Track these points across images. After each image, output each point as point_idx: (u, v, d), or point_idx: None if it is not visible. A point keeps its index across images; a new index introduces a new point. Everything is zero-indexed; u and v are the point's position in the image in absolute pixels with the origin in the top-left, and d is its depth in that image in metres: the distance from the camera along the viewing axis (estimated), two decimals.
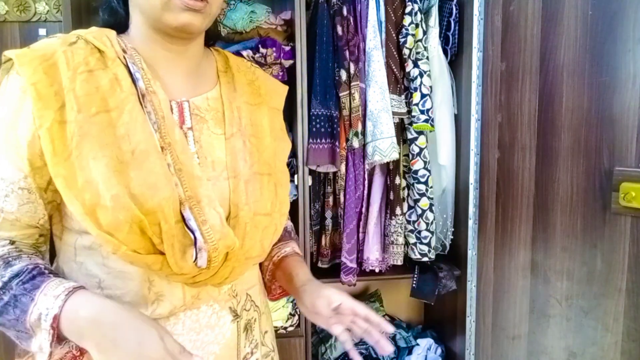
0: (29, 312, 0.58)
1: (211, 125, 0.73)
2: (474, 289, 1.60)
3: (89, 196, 0.60)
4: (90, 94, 0.63)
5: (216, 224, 0.66)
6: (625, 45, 1.13)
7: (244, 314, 0.79)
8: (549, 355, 1.39)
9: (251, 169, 0.73)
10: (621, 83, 1.15)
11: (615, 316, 1.19)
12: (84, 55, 0.65)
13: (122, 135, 0.63)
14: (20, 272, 0.61)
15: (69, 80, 0.62)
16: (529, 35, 1.38)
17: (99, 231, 0.60)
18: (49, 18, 1.62)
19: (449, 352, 1.80)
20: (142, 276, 0.67)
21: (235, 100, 0.77)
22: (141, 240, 0.62)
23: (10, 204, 0.64)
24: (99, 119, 0.62)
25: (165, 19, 0.66)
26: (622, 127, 1.15)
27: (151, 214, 0.61)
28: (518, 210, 1.45)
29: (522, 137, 1.42)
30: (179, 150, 0.66)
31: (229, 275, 0.71)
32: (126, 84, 0.66)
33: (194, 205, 0.65)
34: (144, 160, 0.63)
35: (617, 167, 1.16)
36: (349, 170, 1.57)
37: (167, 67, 0.72)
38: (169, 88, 0.71)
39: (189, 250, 0.64)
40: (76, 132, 0.61)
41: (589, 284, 1.25)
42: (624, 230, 1.16)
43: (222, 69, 0.80)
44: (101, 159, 0.61)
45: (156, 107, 0.66)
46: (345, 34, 1.53)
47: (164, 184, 0.63)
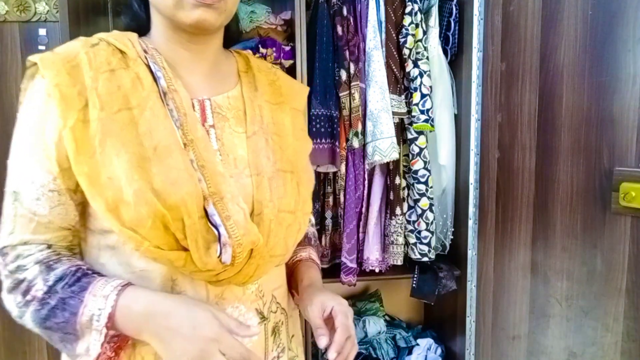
0: (79, 314, 0.59)
1: (232, 124, 0.73)
2: (474, 289, 1.60)
3: (111, 193, 0.60)
4: (112, 93, 0.64)
5: (240, 219, 0.66)
6: (625, 45, 1.13)
7: (271, 316, 0.78)
8: (549, 355, 1.39)
9: (274, 166, 0.73)
10: (621, 83, 1.15)
11: (615, 316, 1.19)
12: (106, 55, 0.66)
13: (144, 132, 0.63)
14: (64, 275, 0.62)
15: (91, 79, 0.63)
16: (529, 35, 1.38)
17: (121, 227, 0.60)
18: (49, 18, 1.62)
19: (449, 352, 1.80)
20: (164, 275, 0.66)
21: (256, 99, 0.77)
22: (164, 235, 0.62)
23: (42, 207, 0.64)
24: (121, 116, 0.63)
25: (178, 17, 0.67)
26: (622, 127, 1.15)
27: (174, 209, 0.61)
28: (518, 210, 1.45)
29: (522, 137, 1.42)
30: (201, 147, 0.67)
31: (253, 274, 0.70)
32: (147, 82, 0.67)
33: (217, 201, 0.65)
34: (167, 156, 0.63)
35: (617, 167, 1.16)
36: (349, 170, 1.57)
37: (187, 66, 0.73)
38: (190, 87, 0.72)
39: (212, 245, 0.64)
40: (99, 130, 0.62)
41: (589, 284, 1.25)
42: (624, 230, 1.16)
43: (243, 69, 0.81)
44: (124, 155, 0.61)
45: (178, 104, 0.67)
46: (345, 34, 1.53)
47: (187, 179, 0.63)
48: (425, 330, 1.94)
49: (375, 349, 1.79)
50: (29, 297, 0.61)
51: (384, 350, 1.79)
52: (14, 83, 1.61)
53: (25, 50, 1.60)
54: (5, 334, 1.68)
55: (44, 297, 0.61)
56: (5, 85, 1.61)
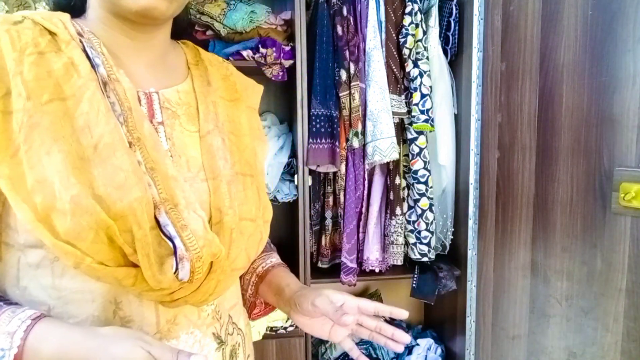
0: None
1: (184, 121, 0.64)
2: (474, 289, 1.60)
3: (41, 199, 0.50)
4: (41, 79, 0.53)
5: (198, 229, 0.57)
6: (625, 45, 1.13)
7: (229, 339, 0.69)
8: (549, 355, 1.39)
9: (232, 169, 0.65)
10: (621, 83, 1.15)
11: (615, 316, 1.19)
12: (32, 36, 0.55)
13: (81, 127, 0.53)
14: None
15: (14, 62, 0.52)
16: (529, 35, 1.38)
17: (55, 240, 0.50)
18: None
19: (449, 352, 1.80)
20: (105, 297, 0.56)
21: (210, 94, 0.68)
22: (109, 250, 0.52)
23: None
24: (52, 107, 0.52)
25: (123, 3, 0.57)
26: (622, 127, 1.15)
27: (121, 219, 0.52)
28: (518, 210, 1.45)
29: (522, 137, 1.42)
30: (149, 146, 0.57)
31: (213, 291, 0.61)
32: (84, 69, 0.56)
33: (171, 208, 0.56)
34: (109, 155, 0.53)
35: (617, 167, 1.16)
36: (349, 170, 1.57)
37: (130, 56, 0.63)
38: (134, 78, 0.61)
39: (167, 260, 0.55)
40: (25, 123, 0.51)
41: (589, 284, 1.25)
42: (624, 230, 1.16)
43: (193, 62, 0.72)
44: (56, 154, 0.51)
45: (121, 97, 0.57)
46: (345, 34, 1.53)
47: (135, 183, 0.53)
48: (425, 330, 1.94)
49: (375, 349, 1.79)
50: None
51: (384, 350, 1.79)
52: None
53: None
54: None
55: None
56: None
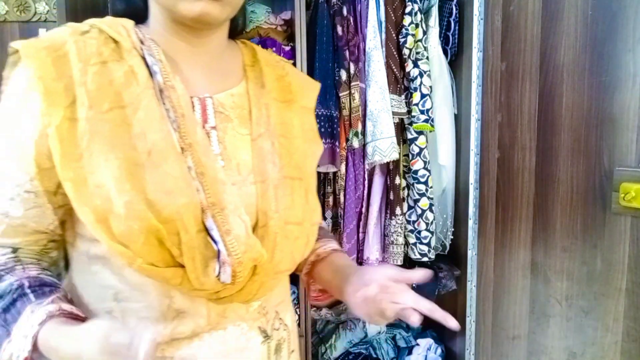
0: (1, 349, 0.53)
1: (236, 125, 0.66)
2: (474, 289, 1.60)
3: (100, 202, 0.54)
4: (102, 88, 0.57)
5: (241, 234, 0.59)
6: (625, 45, 1.13)
7: (274, 334, 0.71)
8: (549, 355, 1.39)
9: (280, 172, 0.66)
10: (621, 83, 1.15)
11: (615, 316, 1.19)
12: (97, 45, 0.59)
13: (137, 134, 0.56)
14: (4, 294, 0.56)
15: (80, 72, 0.56)
16: (529, 35, 1.39)
17: (111, 242, 0.54)
18: (49, 18, 1.62)
19: (449, 352, 1.80)
20: (159, 290, 0.60)
21: (263, 97, 0.70)
22: (159, 252, 0.56)
23: (16, 209, 0.58)
24: (111, 115, 0.56)
25: (179, 9, 0.60)
26: (622, 127, 1.15)
27: (169, 223, 0.55)
28: (518, 210, 1.45)
29: (522, 137, 1.42)
30: (200, 152, 0.59)
31: (257, 292, 0.64)
32: (143, 77, 0.59)
33: (217, 212, 0.58)
34: (162, 162, 0.56)
35: (617, 167, 1.16)
36: (349, 170, 1.57)
37: (187, 60, 0.66)
38: (190, 83, 0.65)
39: (211, 263, 0.58)
40: (87, 131, 0.55)
41: (589, 284, 1.25)
42: (624, 230, 1.16)
43: (249, 63, 0.73)
44: (113, 160, 0.55)
45: (175, 103, 0.60)
46: (345, 34, 1.53)
47: (184, 188, 0.57)
48: (425, 330, 1.94)
49: (375, 349, 1.79)
50: None
51: (384, 350, 1.79)
52: None
53: None
54: None
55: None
56: None
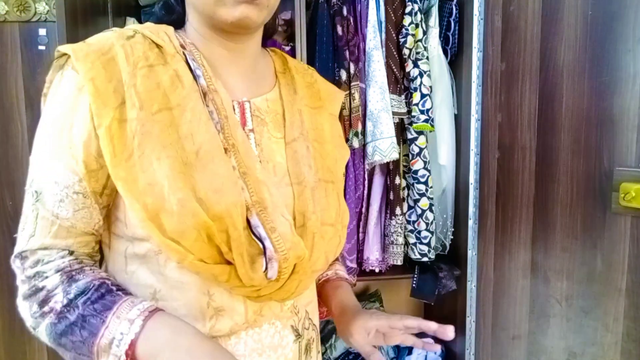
0: (99, 335, 0.54)
1: (271, 128, 0.68)
2: (474, 289, 1.60)
3: (151, 200, 0.55)
4: (151, 90, 0.59)
5: (286, 231, 0.61)
6: (625, 45, 1.13)
7: (305, 333, 0.73)
8: (549, 355, 1.39)
9: (316, 176, 0.68)
10: (621, 83, 1.15)
11: (615, 316, 1.19)
12: (143, 49, 0.62)
13: (185, 134, 0.59)
14: (87, 289, 0.57)
15: (129, 75, 0.59)
16: (529, 35, 1.39)
17: (163, 238, 0.55)
18: (49, 18, 1.62)
19: (449, 352, 1.80)
20: (200, 288, 0.61)
21: (296, 102, 0.72)
22: (208, 248, 0.57)
23: (66, 210, 0.59)
24: (161, 116, 0.58)
25: (219, 15, 0.62)
26: (622, 127, 1.15)
27: (218, 220, 0.57)
28: (518, 210, 1.45)
29: (522, 137, 1.42)
30: (243, 152, 0.62)
31: (295, 290, 0.66)
32: (187, 80, 0.62)
33: (261, 211, 0.60)
34: (209, 161, 0.59)
35: (617, 167, 1.16)
36: (349, 170, 1.57)
37: (225, 66, 0.68)
38: (229, 88, 0.67)
39: (258, 260, 0.60)
40: (138, 131, 0.57)
41: (589, 284, 1.25)
42: (624, 230, 1.16)
43: (281, 70, 0.76)
44: (165, 159, 0.56)
45: (219, 106, 0.62)
46: (345, 34, 1.53)
47: (230, 187, 0.59)
48: None
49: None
50: (47, 309, 0.57)
51: (384, 350, 1.79)
52: (14, 83, 1.61)
53: (25, 50, 1.60)
54: (5, 333, 1.68)
55: (62, 310, 0.56)
56: (5, 85, 1.61)
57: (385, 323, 0.73)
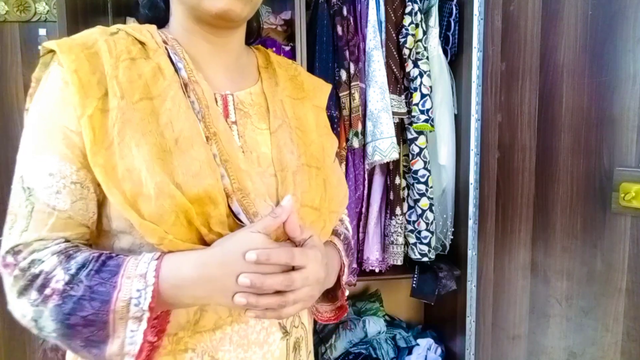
0: (112, 301, 0.53)
1: (255, 120, 0.71)
2: (474, 289, 1.60)
3: (129, 185, 0.57)
4: (133, 81, 0.61)
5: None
6: (625, 45, 1.13)
7: (293, 331, 0.73)
8: (549, 355, 1.39)
9: (299, 160, 0.70)
10: (621, 83, 1.15)
11: (615, 316, 1.19)
12: (126, 44, 0.64)
13: (165, 123, 0.60)
14: (87, 262, 0.56)
15: (111, 67, 0.61)
16: (529, 35, 1.38)
17: (141, 220, 0.56)
18: (49, 18, 1.62)
19: (449, 352, 1.80)
20: None
21: (277, 94, 0.75)
22: (187, 231, 0.58)
23: (63, 202, 0.59)
24: (141, 105, 0.60)
25: (203, 6, 0.64)
26: (622, 127, 1.15)
27: (197, 202, 0.58)
28: (518, 210, 1.45)
29: (522, 137, 1.42)
30: (224, 141, 0.64)
31: None
32: (169, 72, 0.64)
33: (243, 197, 0.62)
34: (188, 148, 0.60)
35: (617, 167, 1.16)
36: (349, 170, 1.57)
37: (209, 60, 0.70)
38: (212, 81, 0.69)
39: None
40: (118, 119, 0.58)
41: (589, 284, 1.25)
42: (624, 230, 1.16)
43: (263, 65, 0.78)
44: (144, 146, 0.58)
45: (200, 96, 0.65)
46: (345, 34, 1.53)
47: (209, 172, 0.60)
48: (425, 330, 1.94)
49: (375, 349, 1.79)
50: (48, 292, 0.55)
51: (384, 350, 1.79)
52: (14, 83, 1.61)
53: (25, 50, 1.60)
54: (5, 333, 1.68)
55: (65, 288, 0.55)
56: (6, 85, 1.61)
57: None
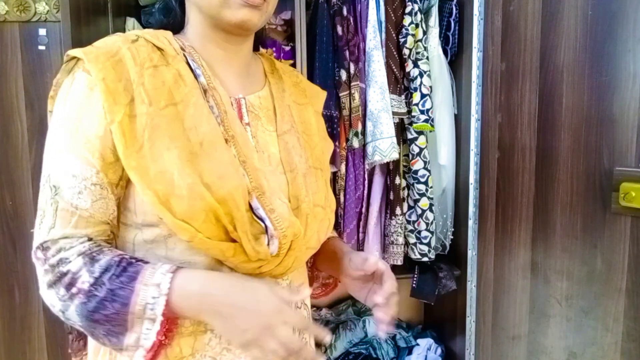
0: (130, 304, 0.59)
1: (264, 122, 0.75)
2: (474, 289, 1.60)
3: (162, 187, 0.61)
4: (158, 88, 0.65)
5: (284, 212, 0.68)
6: (625, 45, 1.13)
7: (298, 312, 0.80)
8: (549, 355, 1.39)
9: (307, 163, 0.76)
10: (621, 83, 1.15)
11: (615, 316, 1.19)
12: (147, 52, 0.67)
13: (189, 127, 0.65)
14: (110, 266, 0.62)
15: (137, 75, 0.64)
16: (529, 35, 1.39)
17: (174, 219, 0.61)
18: (49, 18, 1.62)
19: (449, 352, 1.80)
20: (206, 269, 0.67)
21: (284, 99, 0.80)
22: (215, 228, 0.63)
23: (84, 201, 0.64)
24: (167, 111, 0.64)
25: (223, 16, 0.68)
26: (622, 127, 1.15)
27: (223, 202, 0.63)
28: (518, 210, 1.45)
29: (522, 137, 1.42)
30: (241, 143, 0.69)
31: (291, 265, 0.72)
32: (189, 79, 0.68)
33: (260, 195, 0.67)
34: (213, 151, 0.65)
35: (617, 167, 1.16)
36: (349, 170, 1.57)
37: (222, 66, 0.74)
38: (226, 86, 0.73)
39: (260, 237, 0.66)
40: (148, 125, 0.63)
41: (589, 284, 1.25)
42: (624, 230, 1.16)
43: (269, 71, 0.83)
44: (173, 150, 0.63)
45: (218, 101, 0.69)
46: (345, 34, 1.53)
47: (233, 173, 0.65)
48: (425, 330, 1.94)
49: (375, 349, 1.79)
50: (74, 290, 0.61)
51: (384, 350, 1.79)
52: (14, 83, 1.61)
53: (25, 50, 1.60)
54: (5, 333, 1.68)
55: (90, 289, 0.60)
56: (6, 85, 1.61)
57: (376, 267, 0.76)
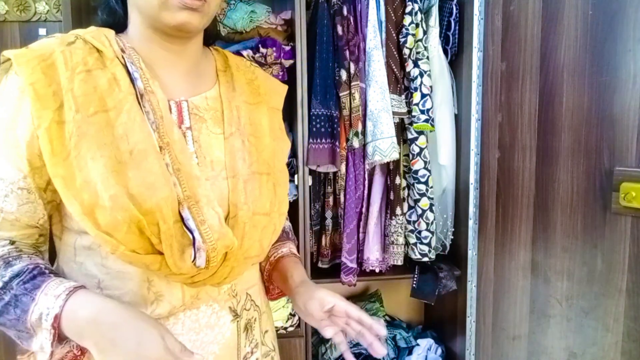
0: (29, 312, 0.58)
1: (210, 125, 0.73)
2: (474, 289, 1.60)
3: (87, 196, 0.60)
4: (88, 94, 0.63)
5: (215, 223, 0.66)
6: (625, 45, 1.13)
7: (244, 314, 0.79)
8: (549, 356, 1.39)
9: (250, 168, 0.73)
10: (621, 83, 1.15)
11: (616, 316, 1.19)
12: (83, 55, 0.65)
13: (120, 135, 0.63)
14: (21, 272, 0.61)
15: (67, 80, 0.63)
16: (529, 35, 1.38)
17: (97, 231, 0.60)
18: (49, 18, 1.62)
19: (449, 352, 1.80)
20: (141, 276, 0.67)
21: (234, 99, 0.77)
22: (139, 240, 0.62)
23: (10, 204, 0.64)
24: (97, 118, 0.62)
25: (162, 18, 0.66)
26: (622, 127, 1.15)
27: (149, 214, 0.61)
28: (518, 210, 1.45)
29: (522, 137, 1.42)
30: (177, 150, 0.66)
31: (228, 275, 0.71)
32: (124, 83, 0.66)
33: (193, 205, 0.65)
34: (142, 160, 0.63)
35: (617, 167, 1.15)
36: (349, 170, 1.57)
37: (165, 66, 0.72)
38: (168, 88, 0.71)
39: (187, 250, 0.65)
40: (74, 132, 0.61)
41: (589, 284, 1.25)
42: (624, 230, 1.16)
43: (222, 68, 0.80)
44: (99, 159, 0.61)
45: (154, 106, 0.67)
46: (345, 33, 1.53)
47: (162, 183, 0.63)
48: (425, 330, 1.94)
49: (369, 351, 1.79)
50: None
51: None
52: None
53: None
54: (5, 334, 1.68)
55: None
56: None
57: (344, 307, 0.76)
